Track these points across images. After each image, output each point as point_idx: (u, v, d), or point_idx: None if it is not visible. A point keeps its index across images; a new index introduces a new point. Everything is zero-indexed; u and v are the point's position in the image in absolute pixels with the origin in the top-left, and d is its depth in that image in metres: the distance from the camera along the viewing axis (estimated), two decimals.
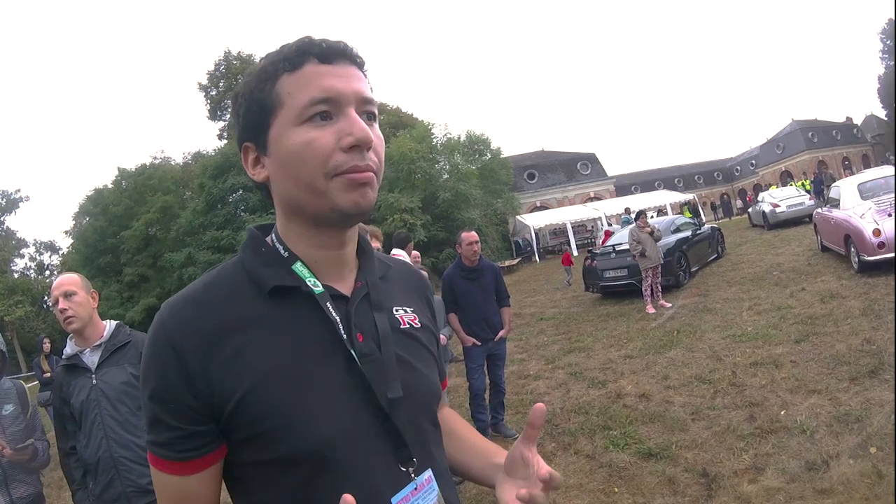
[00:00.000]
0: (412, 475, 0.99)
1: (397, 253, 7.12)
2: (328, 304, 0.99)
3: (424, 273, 1.38)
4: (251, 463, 0.95)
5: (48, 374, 9.24)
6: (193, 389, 0.91)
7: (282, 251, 1.03)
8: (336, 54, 0.96)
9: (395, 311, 1.13)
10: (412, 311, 1.18)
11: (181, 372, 0.91)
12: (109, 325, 3.10)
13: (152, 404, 0.94)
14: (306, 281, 0.99)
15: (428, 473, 1.03)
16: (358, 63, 1.00)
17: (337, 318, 0.99)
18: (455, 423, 1.34)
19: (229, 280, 1.01)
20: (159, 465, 0.96)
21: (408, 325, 1.13)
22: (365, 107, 0.97)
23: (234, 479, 1.00)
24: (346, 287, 1.06)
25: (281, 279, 0.98)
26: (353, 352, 0.98)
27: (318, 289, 1.00)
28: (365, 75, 1.01)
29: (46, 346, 9.82)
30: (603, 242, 10.34)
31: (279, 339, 0.95)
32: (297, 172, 0.94)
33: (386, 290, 1.14)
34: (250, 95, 0.98)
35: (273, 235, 1.07)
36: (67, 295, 2.95)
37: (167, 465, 0.95)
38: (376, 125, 1.00)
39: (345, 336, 0.98)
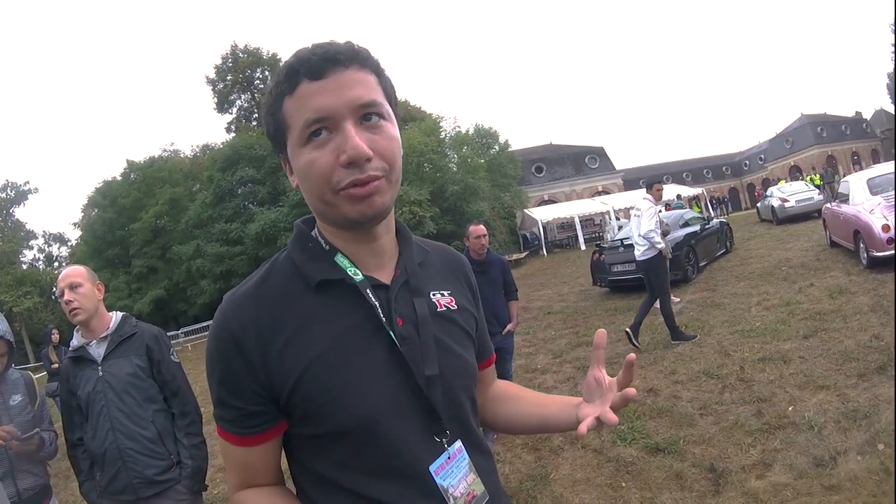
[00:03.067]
0: (445, 445, 1.10)
1: (647, 196, 8.38)
2: (368, 291, 1.08)
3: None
4: (306, 436, 1.07)
5: (56, 365, 9.26)
6: (255, 376, 1.02)
7: (324, 244, 1.13)
8: (327, 64, 0.98)
9: (432, 296, 1.21)
10: (449, 294, 1.26)
11: (243, 361, 1.02)
12: (115, 317, 3.11)
13: (219, 388, 1.06)
14: (347, 271, 1.09)
15: (458, 444, 1.13)
16: (357, 62, 1.01)
17: (376, 304, 1.08)
18: (516, 388, 1.50)
19: (281, 275, 1.11)
20: (226, 437, 1.10)
21: (444, 308, 1.22)
22: (364, 110, 1.00)
23: (291, 450, 1.13)
24: (385, 276, 1.15)
25: (325, 273, 1.08)
26: (392, 335, 1.07)
27: (359, 277, 1.09)
28: (370, 69, 1.04)
29: (55, 336, 9.85)
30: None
31: (326, 328, 1.05)
32: (309, 188, 1.03)
33: (424, 276, 1.22)
34: (266, 117, 1.08)
35: (316, 229, 1.16)
36: (73, 287, 2.96)
37: (232, 438, 1.09)
38: (386, 122, 1.04)
39: (384, 320, 1.07)
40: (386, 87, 1.07)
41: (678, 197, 30.93)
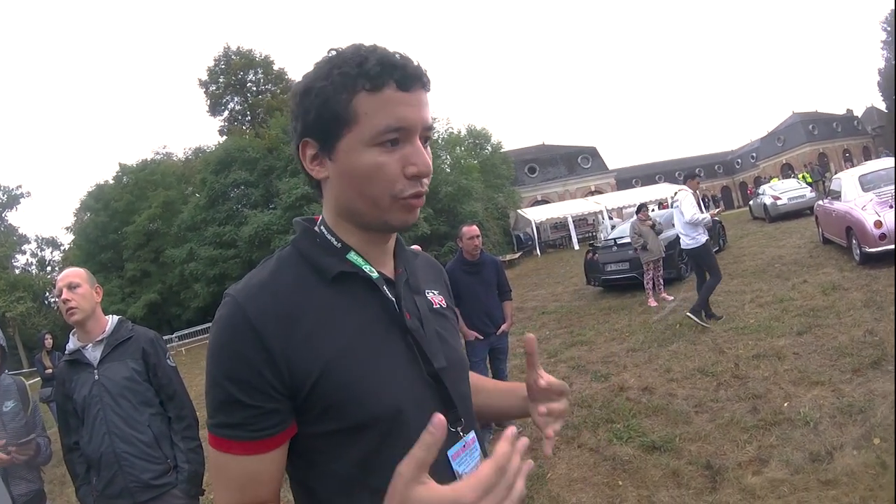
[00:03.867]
0: (461, 434, 1.13)
1: (684, 188, 9.11)
2: (384, 286, 1.10)
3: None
4: (323, 434, 1.01)
5: (50, 370, 9.25)
6: (275, 368, 0.97)
7: (334, 242, 1.11)
8: (413, 81, 1.02)
9: (427, 294, 1.25)
10: (438, 294, 1.31)
11: (263, 352, 0.96)
12: (112, 321, 3.11)
13: (229, 385, 0.97)
14: (363, 268, 1.09)
15: (472, 434, 1.16)
16: (426, 88, 1.06)
17: (393, 298, 1.11)
18: (477, 378, 1.46)
19: (292, 269, 1.08)
20: (229, 447, 1.00)
21: (438, 305, 1.27)
22: (426, 133, 1.06)
23: (298, 455, 1.06)
24: (389, 273, 1.17)
25: (341, 266, 1.08)
26: (406, 328, 1.09)
27: (375, 274, 1.10)
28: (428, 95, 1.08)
29: (48, 341, 9.83)
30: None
31: (345, 319, 1.04)
32: (363, 188, 1.03)
33: (418, 276, 1.25)
34: (325, 101, 1.02)
35: (322, 227, 1.15)
36: (71, 287, 2.96)
37: (238, 446, 0.99)
38: (428, 146, 1.08)
39: (398, 314, 1.10)
40: None
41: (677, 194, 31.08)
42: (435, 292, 1.30)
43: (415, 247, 1.56)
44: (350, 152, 1.02)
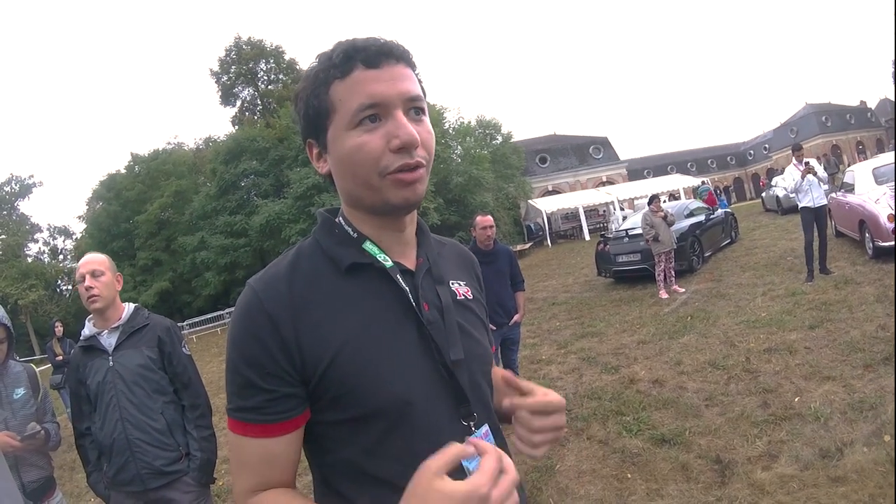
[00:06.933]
0: (472, 429, 1.11)
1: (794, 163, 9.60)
2: (398, 276, 1.11)
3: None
4: (333, 422, 1.05)
5: (60, 357, 9.34)
6: (287, 354, 1.00)
7: (351, 232, 1.14)
8: (381, 56, 1.03)
9: (451, 284, 1.25)
10: (465, 285, 1.30)
11: (276, 339, 1.00)
12: (128, 308, 3.13)
13: (246, 369, 1.02)
14: (377, 257, 1.11)
15: (485, 428, 1.14)
16: (404, 60, 1.07)
17: (406, 288, 1.10)
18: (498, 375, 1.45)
19: (309, 259, 1.11)
20: (246, 429, 1.04)
21: (462, 297, 1.26)
22: (412, 104, 1.05)
23: (313, 440, 1.10)
24: (409, 263, 1.17)
25: (355, 257, 1.10)
26: (421, 319, 1.09)
27: (389, 263, 1.11)
28: (413, 68, 1.09)
29: (59, 329, 9.92)
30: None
31: (357, 309, 1.06)
32: (353, 171, 1.05)
33: (443, 266, 1.25)
34: (307, 100, 1.08)
35: (341, 218, 1.18)
36: (95, 274, 2.99)
37: (254, 429, 1.04)
38: (426, 118, 1.09)
39: (414, 304, 1.10)
40: (422, 86, 1.11)
41: (703, 182, 31.28)
42: (461, 283, 1.29)
43: None
44: (336, 140, 1.05)
